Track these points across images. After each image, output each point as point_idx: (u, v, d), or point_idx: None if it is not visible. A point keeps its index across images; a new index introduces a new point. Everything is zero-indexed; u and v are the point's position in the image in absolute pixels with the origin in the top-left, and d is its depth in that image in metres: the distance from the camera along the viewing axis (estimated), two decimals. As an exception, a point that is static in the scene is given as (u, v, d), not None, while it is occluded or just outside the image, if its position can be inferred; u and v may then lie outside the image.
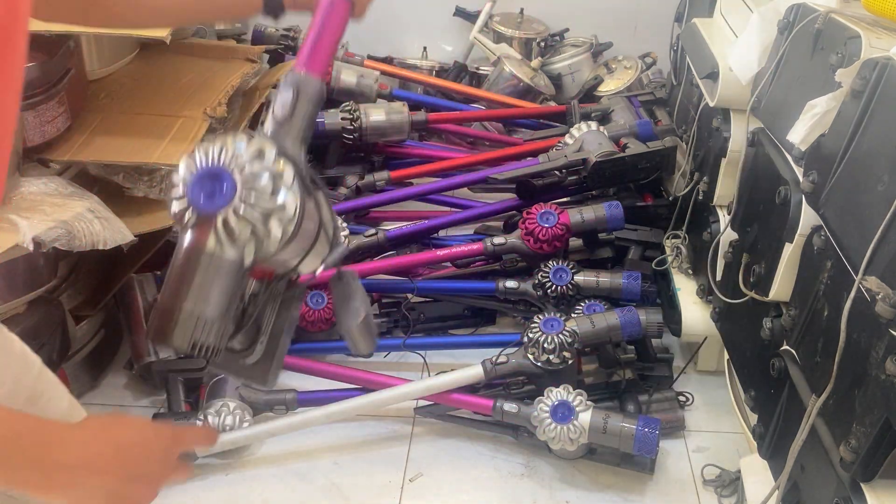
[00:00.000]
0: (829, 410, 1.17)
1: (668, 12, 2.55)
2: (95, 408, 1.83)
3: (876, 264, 1.04)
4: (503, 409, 1.66)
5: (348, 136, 2.31)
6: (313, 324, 1.91)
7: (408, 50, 3.12)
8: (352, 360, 2.05)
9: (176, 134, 1.82)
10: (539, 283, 1.89)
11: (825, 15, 1.33)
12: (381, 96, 2.54)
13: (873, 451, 1.04)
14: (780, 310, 1.43)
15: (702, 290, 1.93)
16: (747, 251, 1.60)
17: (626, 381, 1.77)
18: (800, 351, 1.33)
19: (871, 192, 1.07)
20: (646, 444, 1.57)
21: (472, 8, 3.02)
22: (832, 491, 1.13)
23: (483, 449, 1.80)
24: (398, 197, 2.27)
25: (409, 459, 1.78)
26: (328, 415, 1.73)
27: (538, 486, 1.71)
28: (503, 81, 2.78)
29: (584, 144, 2.13)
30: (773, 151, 1.49)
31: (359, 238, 2.02)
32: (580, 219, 1.95)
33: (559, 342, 1.65)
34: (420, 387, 1.72)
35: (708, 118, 1.88)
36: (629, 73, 2.82)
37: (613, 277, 1.89)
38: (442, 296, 2.09)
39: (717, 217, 1.82)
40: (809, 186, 1.27)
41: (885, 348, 1.00)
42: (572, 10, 3.04)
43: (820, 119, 1.25)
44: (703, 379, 2.00)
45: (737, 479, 1.67)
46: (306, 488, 1.71)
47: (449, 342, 2.04)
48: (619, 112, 2.44)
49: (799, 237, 1.34)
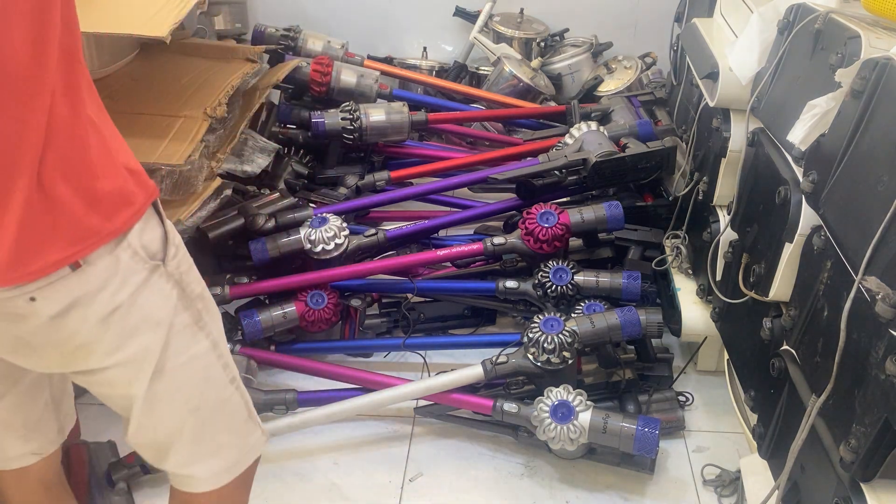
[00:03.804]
0: (829, 410, 1.17)
1: (668, 12, 2.55)
2: (95, 408, 1.83)
3: (876, 264, 1.04)
4: (503, 409, 1.66)
5: (348, 136, 2.31)
6: (313, 324, 1.91)
7: (408, 50, 3.12)
8: (352, 360, 2.06)
9: (176, 134, 1.81)
10: (539, 283, 1.89)
11: (825, 15, 1.34)
12: (381, 96, 2.54)
13: (873, 451, 1.04)
14: (780, 310, 1.43)
15: (702, 290, 1.93)
16: (747, 251, 1.60)
17: (626, 381, 1.77)
18: (800, 351, 1.33)
19: (870, 192, 1.07)
20: (646, 444, 1.57)
21: (472, 8, 3.02)
22: (832, 491, 1.13)
23: (483, 449, 1.80)
24: (398, 197, 2.27)
25: (409, 459, 1.78)
26: (328, 415, 1.73)
27: (538, 486, 1.71)
28: (503, 81, 2.78)
29: (584, 144, 2.13)
30: (773, 151, 1.49)
31: (359, 238, 2.02)
32: (580, 219, 1.95)
33: (559, 342, 1.65)
34: (420, 387, 1.72)
35: (708, 118, 1.88)
36: (629, 73, 2.82)
37: (613, 277, 1.89)
38: (442, 296, 2.09)
39: (717, 217, 1.82)
40: (809, 186, 1.27)
41: (885, 348, 1.00)
42: (572, 10, 3.04)
43: (820, 119, 1.25)
44: (703, 379, 2.00)
45: (737, 479, 1.67)
46: (306, 488, 1.71)
47: (449, 342, 2.04)
48: (619, 112, 2.44)
49: (799, 237, 1.35)
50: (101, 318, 0.90)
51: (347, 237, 1.98)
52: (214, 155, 1.92)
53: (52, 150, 0.81)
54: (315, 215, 2.01)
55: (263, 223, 1.97)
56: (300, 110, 2.43)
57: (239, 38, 2.80)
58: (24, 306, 0.86)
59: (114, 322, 0.91)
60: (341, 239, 1.97)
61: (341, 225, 1.98)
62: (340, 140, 2.34)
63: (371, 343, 2.08)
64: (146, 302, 0.93)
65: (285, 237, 1.95)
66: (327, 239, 1.95)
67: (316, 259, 1.97)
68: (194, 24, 2.45)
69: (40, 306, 0.86)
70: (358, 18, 3.08)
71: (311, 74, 2.40)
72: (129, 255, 0.90)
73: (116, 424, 1.81)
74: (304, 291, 1.92)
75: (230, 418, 1.08)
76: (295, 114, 2.44)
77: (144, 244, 0.92)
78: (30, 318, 0.87)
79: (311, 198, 2.26)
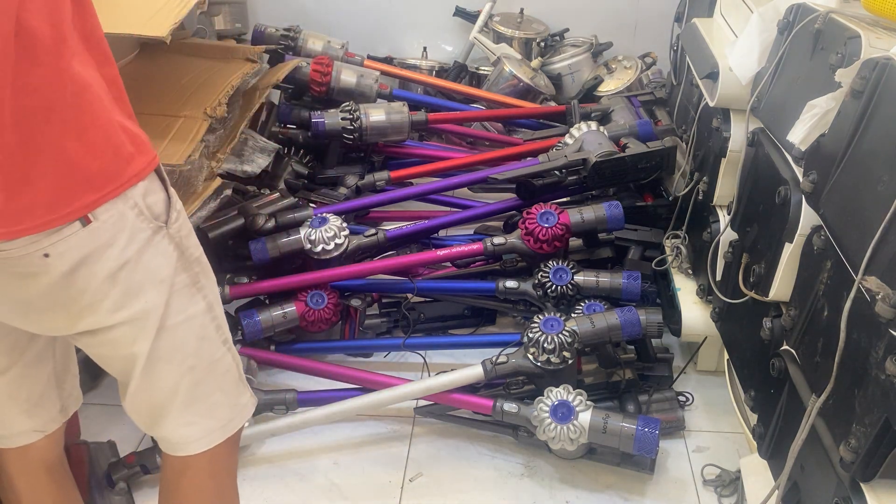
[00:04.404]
0: (829, 410, 1.17)
1: (668, 12, 2.55)
2: (95, 408, 1.83)
3: (876, 264, 1.04)
4: (503, 409, 1.66)
5: (348, 136, 2.31)
6: (313, 324, 1.91)
7: (408, 50, 3.13)
8: (352, 360, 2.06)
9: (176, 134, 1.82)
10: (539, 283, 1.89)
11: (825, 15, 1.33)
12: (381, 96, 2.54)
13: (873, 451, 1.04)
14: (780, 310, 1.43)
15: (702, 290, 1.93)
16: (747, 251, 1.60)
17: (626, 381, 1.77)
18: (800, 351, 1.33)
19: (871, 192, 1.07)
20: (646, 444, 1.57)
21: (472, 8, 3.02)
22: (832, 491, 1.13)
23: (483, 449, 1.80)
24: (398, 197, 2.27)
25: (409, 459, 1.78)
26: (328, 415, 1.73)
27: (538, 486, 1.71)
28: (503, 81, 2.78)
29: (584, 144, 2.13)
30: (773, 151, 1.49)
31: (359, 238, 2.02)
32: (580, 219, 1.95)
33: (559, 342, 1.65)
34: (420, 387, 1.72)
35: (708, 118, 1.88)
36: (629, 73, 2.82)
37: (613, 277, 1.89)
38: (442, 296, 2.09)
39: (717, 217, 1.82)
40: (809, 186, 1.27)
41: (885, 348, 1.00)
42: (572, 10, 3.04)
43: (820, 119, 1.25)
44: (703, 379, 2.00)
45: (737, 479, 1.67)
46: (306, 488, 1.71)
47: (449, 342, 2.04)
48: (619, 112, 2.45)
49: (799, 237, 1.34)
50: (108, 274, 0.95)
51: (347, 237, 1.98)
52: (214, 155, 1.92)
53: (64, 104, 0.87)
54: (315, 215, 2.01)
55: (263, 223, 1.97)
56: (300, 110, 2.43)
57: (239, 38, 2.80)
58: (38, 263, 0.90)
59: (121, 279, 0.96)
60: (341, 239, 1.97)
61: (341, 225, 1.98)
62: (340, 140, 2.34)
63: (371, 343, 2.08)
64: (151, 260, 0.98)
65: (285, 237, 1.95)
66: (327, 239, 1.95)
67: (316, 259, 1.97)
68: (194, 24, 2.45)
69: (53, 262, 0.91)
70: (358, 18, 3.08)
71: (311, 74, 2.40)
72: (136, 213, 0.96)
73: (116, 424, 1.82)
74: (304, 291, 1.92)
75: (223, 378, 1.12)
76: (295, 114, 2.44)
77: (149, 205, 0.97)
78: (41, 276, 0.92)
79: (311, 198, 2.26)
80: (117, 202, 0.93)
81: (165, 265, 1.00)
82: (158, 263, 0.99)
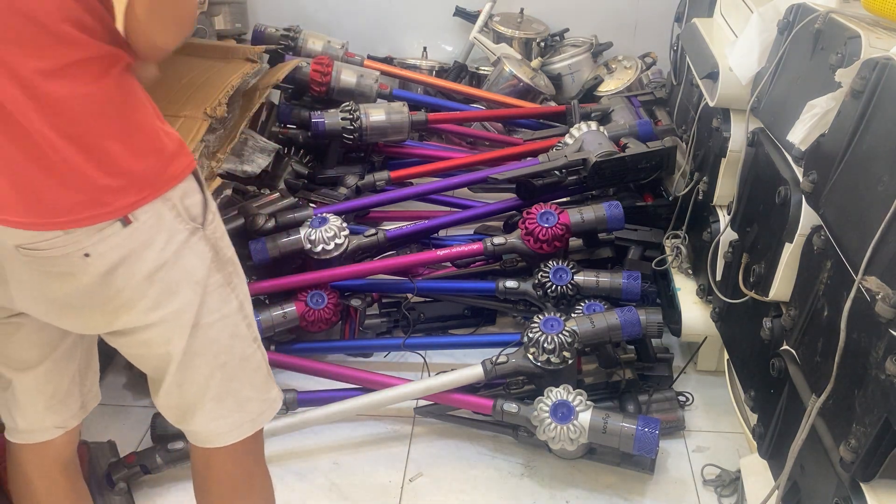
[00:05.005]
0: (829, 410, 1.16)
1: (668, 12, 2.55)
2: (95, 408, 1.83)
3: (876, 264, 1.04)
4: (503, 409, 1.66)
5: (348, 136, 2.31)
6: (313, 324, 1.91)
7: (408, 50, 3.13)
8: (352, 360, 2.06)
9: (176, 134, 1.81)
10: (539, 283, 1.89)
11: (825, 15, 1.33)
12: (381, 96, 2.55)
13: (873, 451, 1.04)
14: (780, 310, 1.43)
15: (702, 290, 1.93)
16: (747, 251, 1.60)
17: (626, 381, 1.77)
18: (800, 351, 1.33)
19: (870, 192, 1.07)
20: (646, 444, 1.57)
21: (472, 8, 3.02)
22: (832, 491, 1.13)
23: (483, 449, 1.80)
24: (398, 197, 2.27)
25: (409, 459, 1.78)
26: (328, 415, 1.73)
27: (538, 486, 1.71)
28: (503, 81, 2.78)
29: (584, 144, 2.13)
30: (773, 151, 1.49)
31: (359, 238, 2.02)
32: (580, 219, 1.95)
33: (559, 342, 1.65)
34: (420, 387, 1.72)
35: (708, 118, 1.88)
36: (629, 73, 2.82)
37: (613, 277, 1.89)
38: (442, 296, 2.09)
39: (717, 217, 1.82)
40: (809, 186, 1.27)
41: (885, 348, 1.00)
42: (572, 10, 3.04)
43: (820, 119, 1.25)
44: (703, 379, 2.00)
45: (737, 479, 1.67)
46: (306, 488, 1.71)
47: (449, 342, 2.04)
48: (619, 112, 2.45)
49: (799, 237, 1.34)
50: (146, 274, 0.97)
51: (347, 237, 1.98)
52: (214, 155, 1.92)
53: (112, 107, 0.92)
54: (315, 215, 2.01)
55: (263, 223, 1.97)
56: (300, 110, 2.43)
57: (239, 38, 2.80)
58: (78, 262, 0.93)
59: (158, 279, 0.98)
60: (341, 239, 1.97)
61: (341, 225, 1.98)
62: (340, 140, 2.34)
63: (371, 343, 2.08)
64: (187, 261, 1.01)
65: (285, 237, 1.95)
66: (327, 239, 1.95)
67: (316, 259, 1.97)
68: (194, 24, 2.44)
69: (93, 262, 0.93)
70: (358, 18, 3.08)
71: (311, 74, 2.40)
72: (174, 215, 0.98)
73: (116, 424, 1.82)
74: (304, 291, 1.92)
75: (253, 374, 1.14)
76: (295, 114, 2.44)
77: (187, 206, 1.00)
78: (80, 275, 0.94)
79: (311, 198, 2.26)
80: (157, 203, 0.96)
81: (201, 266, 1.03)
82: (194, 264, 1.02)
